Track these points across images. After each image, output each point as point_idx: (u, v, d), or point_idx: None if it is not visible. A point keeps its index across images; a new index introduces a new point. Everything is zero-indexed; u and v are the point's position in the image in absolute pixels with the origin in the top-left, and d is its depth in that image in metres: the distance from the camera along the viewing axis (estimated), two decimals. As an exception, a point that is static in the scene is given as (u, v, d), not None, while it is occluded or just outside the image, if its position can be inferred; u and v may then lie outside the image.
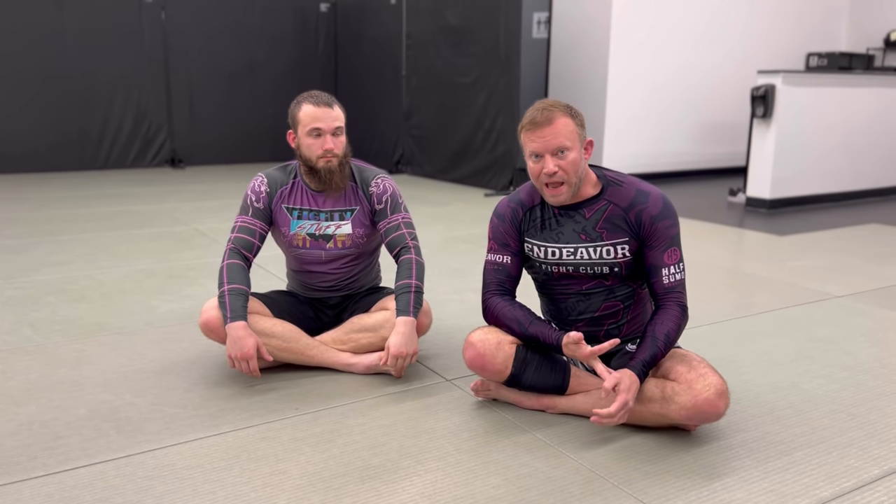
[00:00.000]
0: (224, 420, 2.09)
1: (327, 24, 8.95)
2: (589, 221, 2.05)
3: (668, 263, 2.03)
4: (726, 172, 8.38)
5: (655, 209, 2.02)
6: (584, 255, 2.06)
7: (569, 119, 1.96)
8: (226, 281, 2.30)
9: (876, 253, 4.44)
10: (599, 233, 2.04)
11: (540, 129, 1.94)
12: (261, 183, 2.45)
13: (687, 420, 1.92)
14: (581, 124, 1.99)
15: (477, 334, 2.11)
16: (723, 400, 1.88)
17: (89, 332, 2.82)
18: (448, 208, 5.81)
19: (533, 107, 1.99)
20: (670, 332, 1.99)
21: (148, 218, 5.21)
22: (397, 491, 1.74)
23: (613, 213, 2.04)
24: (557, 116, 1.94)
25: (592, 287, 2.10)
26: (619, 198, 2.05)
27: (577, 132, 1.97)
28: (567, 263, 2.08)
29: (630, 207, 2.03)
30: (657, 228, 2.02)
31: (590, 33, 7.35)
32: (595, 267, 2.07)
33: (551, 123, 1.93)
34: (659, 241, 2.02)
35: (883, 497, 1.74)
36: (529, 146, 1.97)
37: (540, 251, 2.11)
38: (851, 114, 6.37)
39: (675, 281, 2.04)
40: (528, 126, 1.96)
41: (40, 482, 1.76)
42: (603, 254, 2.05)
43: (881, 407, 2.24)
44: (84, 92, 7.66)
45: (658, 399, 1.95)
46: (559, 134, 1.94)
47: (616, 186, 2.06)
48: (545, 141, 1.94)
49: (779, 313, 3.19)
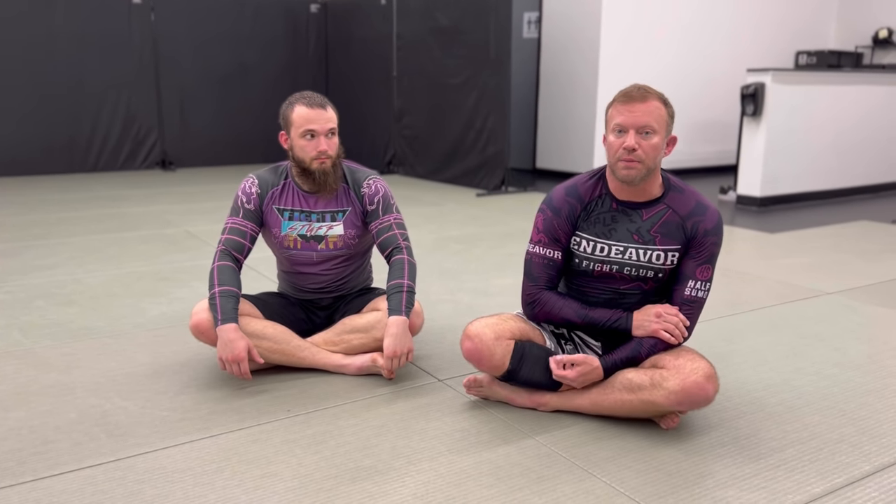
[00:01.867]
0: (215, 423, 2.08)
1: (317, 25, 8.94)
2: (645, 223, 2.03)
3: (698, 278, 2.02)
4: (717, 171, 8.41)
5: (711, 223, 2.02)
6: (634, 255, 2.03)
7: (662, 105, 1.94)
8: (216, 283, 2.29)
9: (866, 250, 4.46)
10: (653, 236, 2.02)
11: (633, 103, 1.91)
12: (251, 184, 2.44)
13: (676, 405, 1.92)
14: (672, 116, 1.97)
15: (475, 327, 2.09)
16: (711, 383, 1.89)
17: (79, 336, 2.80)
18: (440, 208, 5.81)
19: (631, 84, 1.97)
20: (657, 343, 2.01)
21: (138, 220, 5.18)
22: (389, 492, 1.73)
23: (671, 219, 2.02)
24: (652, 98, 1.93)
25: (630, 289, 2.08)
26: (679, 205, 2.03)
27: (666, 120, 1.95)
28: (613, 262, 2.05)
29: (689, 216, 2.02)
30: (705, 242, 2.01)
31: (580, 33, 7.37)
32: (640, 269, 2.04)
33: (645, 101, 1.92)
34: (701, 254, 2.02)
35: (874, 493, 1.75)
36: (616, 118, 1.93)
37: (588, 245, 2.06)
38: (841, 111, 6.41)
39: (696, 297, 2.03)
40: (622, 99, 1.93)
41: (29, 487, 1.74)
42: (653, 258, 2.03)
43: (871, 403, 2.25)
44: (74, 94, 7.62)
45: (647, 386, 1.95)
46: (649, 113, 1.91)
47: (678, 193, 2.05)
48: (634, 116, 1.91)
49: (769, 310, 3.20)
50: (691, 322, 2.04)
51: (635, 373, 1.99)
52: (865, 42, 9.03)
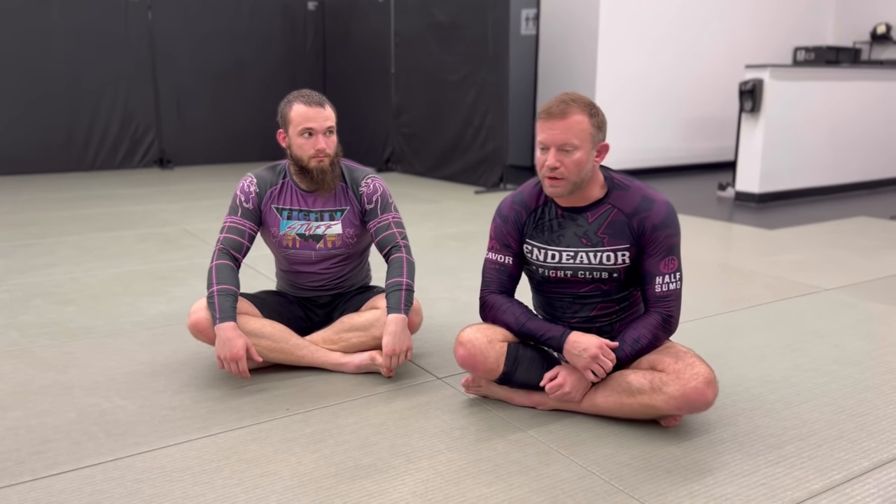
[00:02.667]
0: (214, 422, 2.08)
1: (315, 22, 8.92)
2: (591, 226, 2.03)
3: (663, 272, 2.01)
4: (715, 167, 8.41)
5: (658, 217, 1.99)
6: (584, 259, 2.04)
7: (585, 117, 1.90)
8: (215, 282, 2.28)
9: (864, 246, 4.46)
10: (601, 238, 2.02)
11: (552, 120, 1.90)
12: (250, 183, 2.44)
13: (676, 410, 1.92)
14: (598, 126, 1.93)
15: (467, 333, 2.10)
16: (711, 388, 1.89)
17: (77, 335, 2.80)
18: (438, 206, 5.80)
19: (555, 97, 1.93)
20: (640, 339, 2.01)
21: (136, 219, 5.17)
22: (388, 490, 1.73)
23: (617, 218, 2.01)
24: (573, 112, 1.89)
25: (589, 291, 2.09)
26: (624, 203, 2.01)
27: (590, 132, 1.91)
28: (566, 268, 2.06)
29: (634, 214, 2.00)
30: (657, 237, 1.99)
31: (578, 29, 7.36)
32: (594, 272, 2.05)
33: (564, 118, 1.89)
34: (658, 249, 2.00)
35: (873, 489, 1.75)
36: (539, 136, 1.94)
37: (540, 253, 2.08)
38: (839, 107, 6.41)
39: (668, 291, 2.02)
40: (543, 115, 1.92)
41: (28, 487, 1.74)
42: (603, 259, 2.03)
43: (870, 399, 2.26)
44: (70, 93, 7.60)
45: (647, 390, 1.95)
46: (569, 130, 1.89)
47: (621, 191, 2.03)
48: (554, 134, 1.90)
49: (768, 307, 3.20)
50: (674, 312, 2.03)
51: (635, 375, 1.99)
52: (864, 38, 9.02)
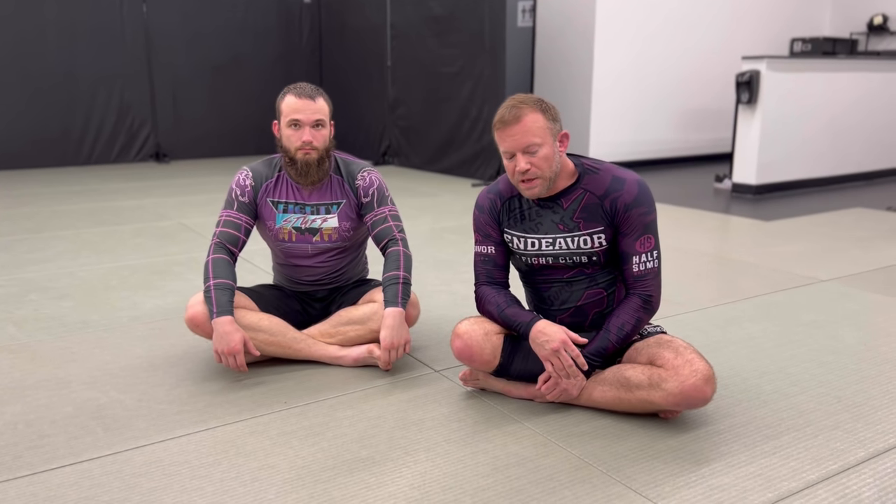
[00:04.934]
0: (212, 415, 2.08)
1: (311, 15, 8.88)
2: (566, 212, 2.05)
3: (639, 251, 2.02)
4: (712, 159, 8.41)
5: (630, 196, 2.00)
6: (563, 245, 2.07)
7: (538, 115, 1.94)
8: (211, 276, 2.28)
9: (861, 237, 4.47)
10: (577, 222, 2.04)
11: (509, 127, 1.93)
12: (245, 177, 2.43)
13: (674, 406, 1.93)
14: (553, 118, 1.97)
15: (464, 325, 2.11)
16: (709, 385, 1.89)
17: (74, 330, 2.79)
18: (435, 199, 5.80)
19: (504, 104, 1.97)
20: (625, 325, 2.02)
21: (132, 213, 5.16)
22: (386, 483, 1.74)
23: (590, 201, 2.03)
24: (526, 113, 1.92)
25: (574, 276, 2.11)
26: (595, 186, 2.03)
27: (547, 127, 1.95)
28: (546, 254, 2.09)
29: (605, 195, 2.02)
30: (630, 216, 2.00)
31: (575, 21, 7.34)
32: (574, 256, 2.07)
33: (519, 121, 1.92)
34: (632, 228, 2.01)
35: (869, 479, 1.76)
36: (501, 145, 1.98)
37: (520, 242, 2.11)
38: (836, 98, 6.40)
39: (646, 269, 2.03)
40: (498, 125, 1.96)
41: (26, 481, 1.74)
42: (580, 243, 2.05)
43: (866, 390, 2.26)
44: (66, 87, 7.57)
45: (645, 386, 1.95)
46: (528, 132, 1.92)
47: (592, 174, 2.05)
48: (515, 140, 1.93)
49: (765, 298, 3.21)
50: (653, 292, 2.04)
51: (633, 370, 1.99)
52: (860, 28, 9.01)
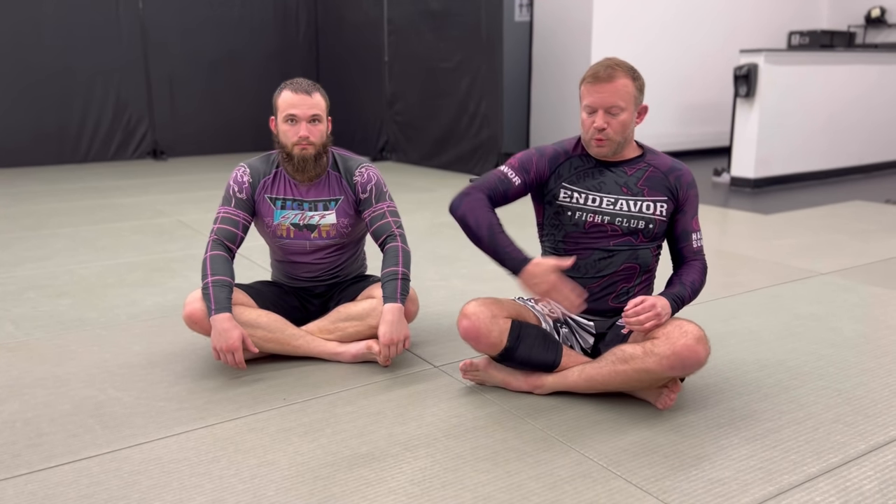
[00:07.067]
0: (210, 412, 2.08)
1: (307, 10, 8.86)
2: (631, 178, 2.13)
3: (696, 229, 2.18)
4: (710, 153, 8.40)
5: (689, 177, 2.16)
6: (624, 206, 2.10)
7: (629, 81, 2.01)
8: (209, 272, 2.27)
9: (860, 229, 4.47)
10: (641, 189, 2.12)
11: (599, 84, 2.00)
12: (243, 173, 2.42)
13: (669, 370, 1.92)
14: (640, 89, 2.05)
15: (472, 306, 2.09)
16: (701, 345, 1.90)
17: (72, 328, 2.78)
18: (433, 194, 5.79)
19: (598, 62, 2.04)
20: (696, 282, 2.12)
21: (130, 210, 5.15)
22: (386, 479, 1.73)
23: (654, 174, 2.13)
24: (619, 76, 2.00)
25: (619, 244, 2.11)
26: (659, 163, 2.16)
27: (634, 95, 2.03)
28: (605, 213, 2.10)
29: (670, 171, 2.14)
30: (690, 195, 2.15)
31: (572, 15, 7.32)
32: (632, 221, 2.10)
33: (611, 81, 1.99)
34: (691, 207, 2.16)
35: (870, 472, 1.76)
36: (586, 99, 2.03)
37: (580, 196, 2.12)
38: (834, 91, 6.39)
39: (701, 245, 2.19)
40: (590, 79, 2.02)
41: (24, 480, 1.74)
42: (643, 208, 2.10)
43: (866, 382, 2.26)
44: (62, 84, 7.54)
45: (640, 356, 1.95)
46: (616, 93, 1.99)
47: (653, 154, 2.18)
48: (602, 97, 2.00)
49: (764, 291, 3.21)
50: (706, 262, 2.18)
51: (628, 346, 2.01)
52: (858, 21, 9.00)
